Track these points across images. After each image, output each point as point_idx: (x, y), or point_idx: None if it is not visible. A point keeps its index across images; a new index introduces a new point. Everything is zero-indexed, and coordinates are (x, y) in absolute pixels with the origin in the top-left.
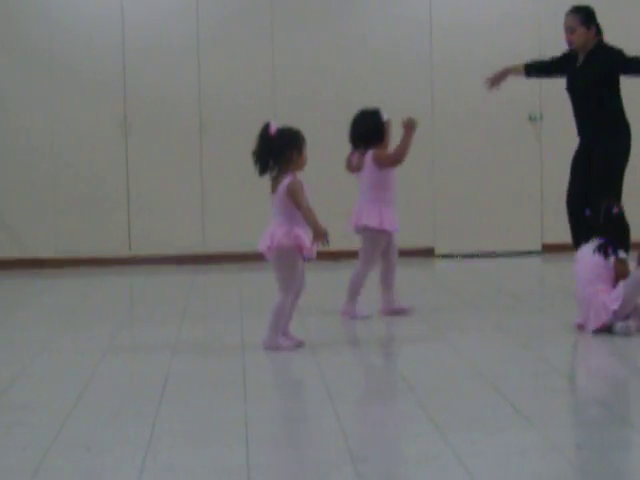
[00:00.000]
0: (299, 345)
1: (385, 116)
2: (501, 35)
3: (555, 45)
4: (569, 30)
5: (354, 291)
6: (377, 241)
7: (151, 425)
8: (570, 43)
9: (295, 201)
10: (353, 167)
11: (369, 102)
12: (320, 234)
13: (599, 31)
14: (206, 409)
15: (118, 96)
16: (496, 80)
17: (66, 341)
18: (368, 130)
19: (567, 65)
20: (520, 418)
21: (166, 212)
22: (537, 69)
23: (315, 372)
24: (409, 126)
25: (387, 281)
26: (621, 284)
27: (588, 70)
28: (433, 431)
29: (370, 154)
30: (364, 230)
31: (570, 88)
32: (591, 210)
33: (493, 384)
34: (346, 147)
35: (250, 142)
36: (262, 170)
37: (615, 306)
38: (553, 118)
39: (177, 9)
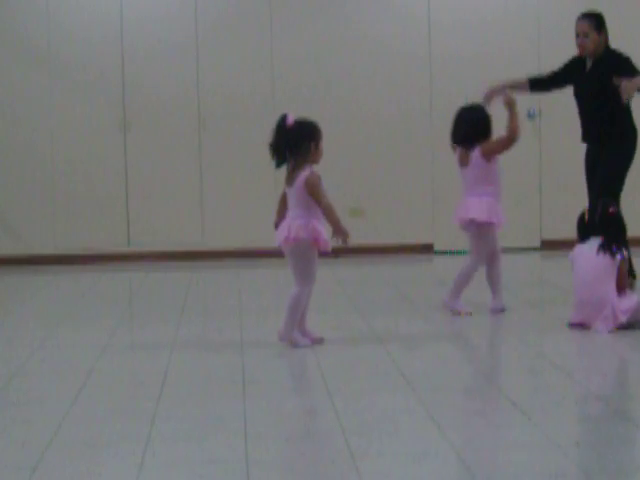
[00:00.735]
0: (318, 342)
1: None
2: (500, 31)
3: (554, 41)
4: (582, 35)
5: (460, 285)
6: (485, 234)
7: (150, 421)
8: (582, 48)
9: (314, 196)
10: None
11: (368, 98)
12: (342, 234)
13: (607, 36)
14: (205, 405)
15: (117, 92)
16: (490, 97)
17: (65, 338)
18: (476, 125)
19: (574, 71)
20: (519, 414)
21: (165, 208)
22: (543, 83)
23: (314, 368)
24: (510, 103)
25: (492, 277)
26: (635, 297)
27: (597, 76)
28: (432, 427)
29: (478, 149)
30: (470, 224)
31: (578, 93)
32: (588, 210)
33: (492, 380)
34: (344, 142)
35: (249, 138)
36: (279, 163)
37: (624, 318)
38: (552, 115)
39: (176, 6)
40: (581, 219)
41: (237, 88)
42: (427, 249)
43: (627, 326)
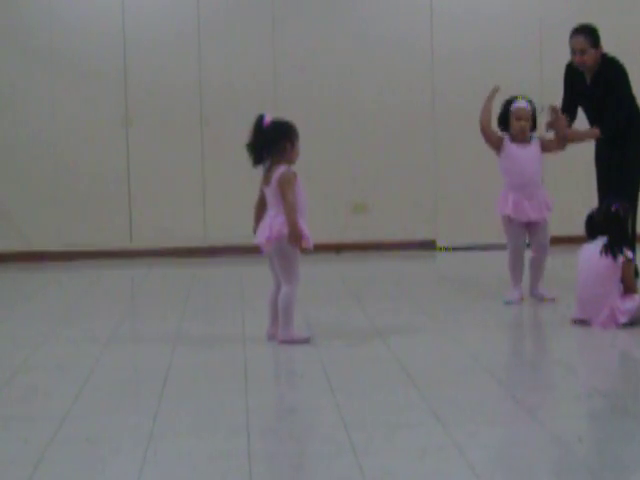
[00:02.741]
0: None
1: (517, 104)
2: (502, 26)
3: (556, 36)
4: (580, 52)
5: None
6: (504, 226)
7: (153, 417)
8: (581, 65)
9: (282, 192)
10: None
11: (370, 92)
12: (296, 236)
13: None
14: (207, 401)
15: (119, 88)
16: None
17: (68, 334)
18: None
19: (575, 84)
20: (521, 410)
21: (167, 204)
22: (572, 112)
23: (316, 363)
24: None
25: (531, 267)
26: (637, 298)
27: (598, 87)
28: (434, 423)
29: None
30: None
31: (583, 104)
32: (595, 208)
33: (494, 376)
34: (346, 138)
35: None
36: (256, 161)
37: (624, 319)
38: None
39: (178, 0)
40: (590, 218)
41: (239, 83)
42: (429, 245)
43: (630, 323)
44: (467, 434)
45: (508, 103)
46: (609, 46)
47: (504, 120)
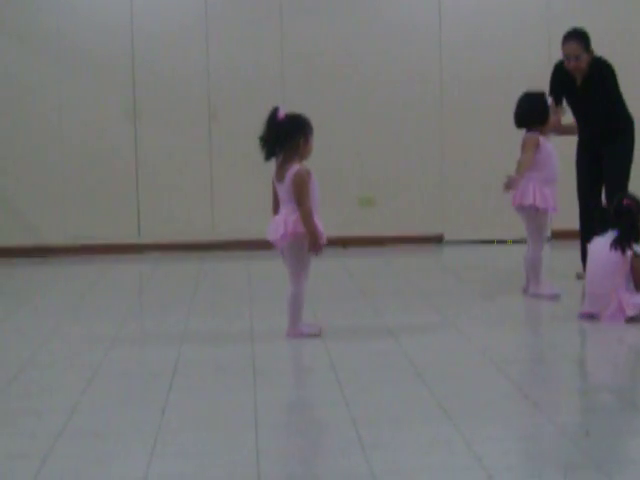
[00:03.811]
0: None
1: (550, 100)
2: (509, 16)
3: (562, 19)
4: (574, 58)
5: (535, 272)
6: (534, 219)
7: (160, 411)
8: (576, 69)
9: (298, 195)
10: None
11: (378, 85)
12: (316, 243)
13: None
14: (215, 396)
15: (127, 81)
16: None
17: (75, 328)
18: (530, 111)
19: (564, 84)
20: (529, 404)
21: (175, 199)
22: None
23: (324, 358)
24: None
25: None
26: None
27: (589, 87)
28: (442, 417)
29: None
30: (522, 209)
31: (571, 103)
32: (606, 203)
33: (502, 370)
34: (353, 133)
35: (259, 128)
36: (268, 156)
37: (632, 313)
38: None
39: None
40: (600, 211)
41: (248, 77)
42: (437, 239)
43: (638, 318)
44: (474, 428)
45: (537, 97)
46: (615, 34)
47: (539, 115)
